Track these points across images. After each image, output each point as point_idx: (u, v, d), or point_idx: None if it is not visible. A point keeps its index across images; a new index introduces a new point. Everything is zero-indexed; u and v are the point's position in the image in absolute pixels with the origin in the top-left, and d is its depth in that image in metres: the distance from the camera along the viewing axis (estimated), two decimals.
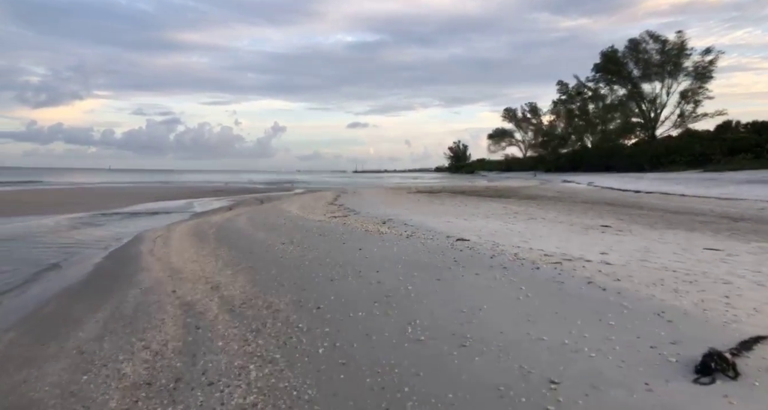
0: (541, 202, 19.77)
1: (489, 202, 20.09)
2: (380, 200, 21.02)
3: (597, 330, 3.72)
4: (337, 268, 6.82)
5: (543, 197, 24.23)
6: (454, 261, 6.66)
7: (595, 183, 40.45)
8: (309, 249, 8.65)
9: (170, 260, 8.45)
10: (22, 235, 12.36)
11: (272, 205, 21.12)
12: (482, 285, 5.31)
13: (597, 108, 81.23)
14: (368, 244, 8.62)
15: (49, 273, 8.18)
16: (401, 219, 12.02)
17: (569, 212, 14.87)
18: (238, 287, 6.18)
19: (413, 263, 6.74)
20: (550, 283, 5.18)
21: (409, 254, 7.39)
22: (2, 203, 23.11)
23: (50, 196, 28.64)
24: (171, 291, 6.23)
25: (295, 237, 10.26)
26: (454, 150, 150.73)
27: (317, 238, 9.82)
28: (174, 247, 9.95)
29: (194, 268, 7.61)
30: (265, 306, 5.18)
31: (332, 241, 9.30)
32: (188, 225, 13.86)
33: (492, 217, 12.59)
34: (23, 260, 9.23)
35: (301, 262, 7.47)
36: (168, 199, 27.96)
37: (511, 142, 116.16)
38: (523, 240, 8.29)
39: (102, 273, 8.00)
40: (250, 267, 7.33)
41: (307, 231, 11.07)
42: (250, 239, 10.37)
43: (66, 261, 9.19)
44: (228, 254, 8.69)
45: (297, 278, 6.43)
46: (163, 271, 7.55)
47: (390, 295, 5.20)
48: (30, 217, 16.64)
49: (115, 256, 9.55)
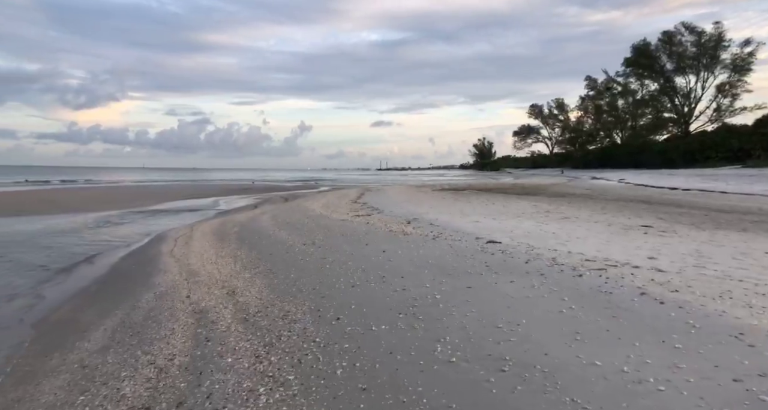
0: (572, 200, 18.95)
1: (517, 200, 19.37)
2: (404, 198, 20.55)
3: (661, 354, 3.18)
4: (359, 273, 6.41)
5: (573, 195, 23.32)
6: (485, 266, 6.16)
7: (627, 180, 38.97)
8: (330, 250, 8.27)
9: (189, 261, 8.20)
10: (48, 233, 12.40)
11: (296, 203, 20.91)
12: (519, 294, 4.80)
13: (627, 103, 78.67)
14: (392, 246, 8.18)
15: (68, 273, 8.03)
16: (426, 219, 11.53)
17: (604, 210, 14.09)
18: (254, 292, 5.83)
19: (441, 268, 6.27)
20: (596, 294, 4.63)
21: (436, 258, 6.92)
22: (39, 202, 23.62)
23: (85, 195, 29.23)
24: (185, 296, 5.94)
25: (316, 237, 9.91)
26: (478, 147, 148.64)
27: (339, 239, 9.44)
28: (194, 247, 9.73)
29: (212, 270, 7.32)
30: (281, 316, 4.80)
31: (354, 242, 8.90)
32: (211, 224, 13.70)
33: (522, 217, 11.96)
34: (46, 259, 9.16)
35: (321, 265, 7.09)
36: (196, 197, 28.19)
37: (538, 139, 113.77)
38: (559, 242, 7.70)
39: (119, 274, 7.81)
40: (269, 270, 6.99)
41: (329, 230, 10.71)
42: (272, 239, 10.08)
43: (87, 261, 9.07)
44: (247, 255, 8.39)
45: (316, 283, 6.05)
46: (180, 274, 7.29)
47: (416, 305, 4.75)
48: (62, 216, 16.83)
49: (135, 256, 9.38)
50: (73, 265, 8.59)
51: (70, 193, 30.51)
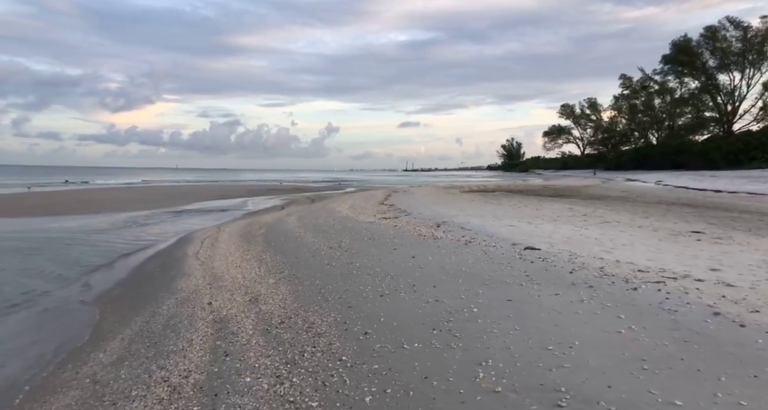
0: (610, 203, 18.07)
1: (550, 202, 18.62)
2: (432, 200, 20.06)
3: (757, 393, 2.67)
4: (387, 280, 6.02)
5: (609, 197, 22.34)
6: (525, 275, 5.67)
7: (665, 181, 37.35)
8: (357, 255, 7.92)
9: (213, 264, 7.99)
10: (79, 233, 12.51)
11: (323, 204, 20.71)
12: (567, 310, 4.31)
13: (664, 102, 75.73)
14: (422, 251, 7.76)
15: (93, 276, 7.94)
16: (457, 222, 11.05)
17: (646, 214, 13.28)
18: (278, 300, 5.52)
19: (476, 277, 5.82)
20: (658, 312, 4.10)
21: (470, 265, 6.46)
22: (76, 201, 24.21)
23: (119, 195, 29.87)
24: (207, 303, 5.67)
25: (343, 240, 9.59)
26: (507, 148, 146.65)
27: (366, 242, 9.08)
28: (220, 249, 9.55)
29: (236, 275, 7.07)
30: (306, 328, 4.46)
31: (382, 246, 8.52)
32: (238, 225, 13.58)
33: (559, 221, 11.34)
34: (74, 261, 9.13)
35: (348, 271, 6.74)
36: (225, 197, 28.42)
37: (569, 140, 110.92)
38: (604, 249, 7.11)
39: (143, 277, 7.65)
40: (294, 276, 6.68)
41: (356, 233, 10.37)
42: (298, 242, 9.81)
43: (114, 262, 9.00)
44: (273, 259, 8.13)
45: (343, 291, 5.69)
46: (203, 278, 7.07)
47: (451, 320, 4.33)
48: (94, 216, 17.09)
49: (160, 258, 9.26)
50: (99, 267, 8.51)
51: (106, 193, 31.25)
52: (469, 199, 20.78)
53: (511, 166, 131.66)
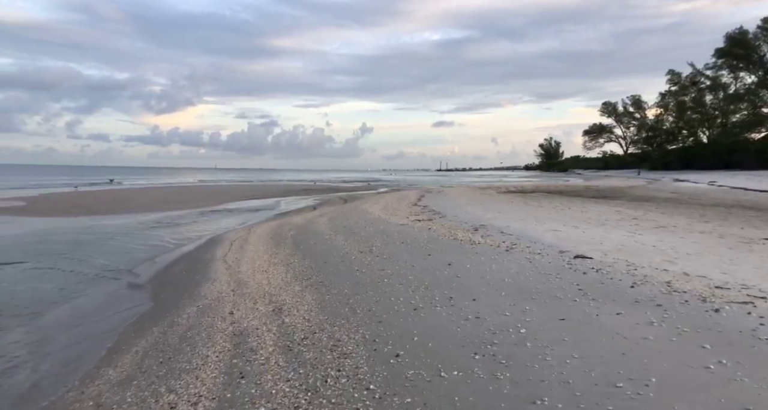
0: (660, 205, 16.85)
1: (595, 204, 17.56)
2: (467, 201, 19.34)
3: None
4: (421, 291, 5.50)
5: (658, 199, 20.96)
6: (578, 289, 5.02)
7: (719, 182, 35.04)
8: (389, 260, 7.43)
9: (239, 268, 7.68)
10: (114, 234, 12.59)
11: (355, 205, 20.36)
12: (634, 334, 3.67)
13: (716, 98, 71.58)
14: (459, 258, 7.19)
15: (119, 281, 7.79)
16: (496, 226, 10.38)
17: (704, 218, 12.18)
18: (303, 311, 5.09)
19: (521, 289, 5.21)
20: (753, 342, 3.40)
21: (514, 275, 5.85)
22: (116, 201, 24.85)
23: (158, 194, 30.58)
24: (228, 312, 5.32)
25: (374, 244, 9.13)
26: (545, 147, 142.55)
27: (399, 247, 8.58)
28: (248, 252, 9.28)
29: (261, 281, 6.72)
30: (331, 346, 4.00)
31: (416, 251, 8.00)
32: (269, 226, 13.37)
33: (608, 225, 10.48)
34: (105, 262, 9.06)
35: (379, 279, 6.26)
36: (260, 197, 28.60)
37: (610, 138, 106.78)
38: (666, 259, 6.33)
39: (168, 282, 7.42)
40: (321, 283, 6.26)
41: (387, 236, 9.89)
42: (328, 245, 9.42)
43: (141, 265, 8.86)
44: (301, 263, 7.75)
45: (373, 302, 5.21)
46: (228, 283, 6.75)
47: (496, 342, 3.77)
48: (131, 215, 17.36)
49: (188, 260, 9.06)
50: (127, 271, 8.36)
51: (145, 193, 32.06)
52: (507, 200, 19.93)
53: (549, 166, 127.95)
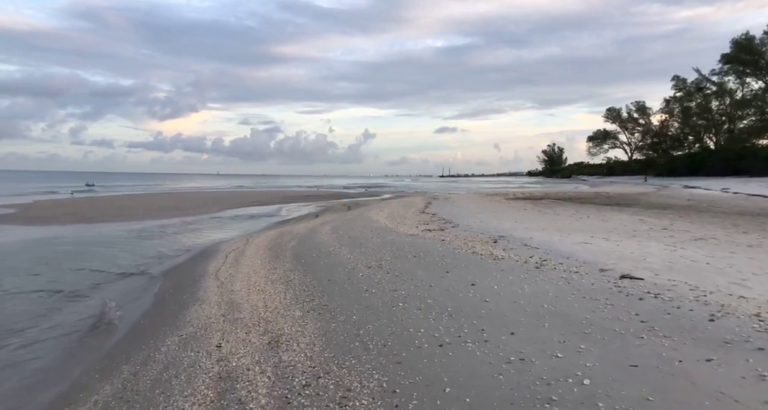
0: (683, 213, 15.94)
1: (613, 212, 16.67)
2: (478, 208, 18.47)
3: None
4: (445, 319, 4.63)
5: (676, 206, 20.05)
6: (639, 320, 4.14)
7: (733, 189, 34.07)
8: (402, 278, 6.57)
9: (233, 287, 6.82)
10: (100, 245, 11.76)
11: (359, 212, 19.52)
12: (742, 394, 2.79)
13: (723, 104, 70.77)
14: (482, 276, 6.32)
15: (90, 302, 6.93)
16: (517, 238, 9.51)
17: (739, 229, 11.27)
18: (304, 345, 4.24)
19: (567, 319, 4.34)
20: None
21: (553, 300, 4.98)
22: (112, 208, 24.06)
23: (156, 201, 29.80)
24: (216, 345, 4.46)
25: (383, 257, 8.27)
26: (548, 153, 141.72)
27: (412, 262, 7.72)
28: (243, 266, 8.44)
29: (256, 303, 5.86)
30: (338, 398, 3.15)
31: (432, 268, 7.13)
32: (268, 236, 12.52)
33: (640, 236, 9.59)
34: (88, 278, 8.22)
35: (392, 302, 5.40)
36: (261, 203, 27.77)
37: (615, 144, 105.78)
38: (733, 281, 5.42)
39: (152, 305, 6.55)
40: (325, 307, 5.40)
41: (398, 249, 9.03)
42: (332, 258, 8.57)
43: (122, 282, 8.01)
44: (302, 281, 6.90)
45: (388, 334, 4.35)
46: (218, 305, 5.90)
47: (554, 399, 2.90)
48: (124, 223, 16.55)
49: (177, 276, 8.20)
50: (105, 286, 7.51)
51: (143, 199, 31.29)
52: (519, 207, 19.04)
53: (552, 172, 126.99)
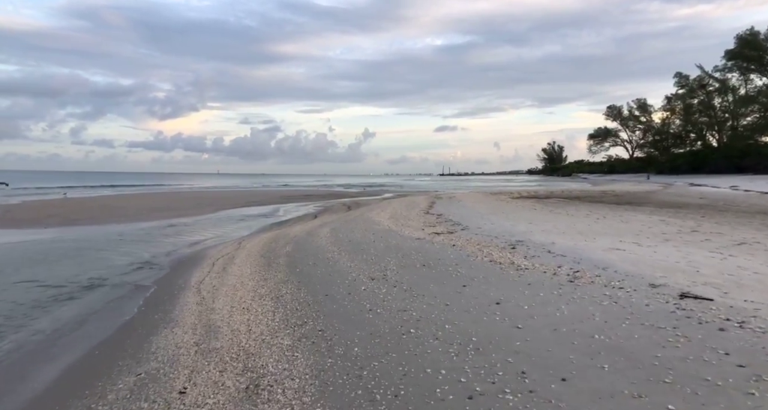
0: (706, 213, 14.94)
1: (627, 211, 15.68)
2: (486, 209, 17.47)
3: None
4: (471, 356, 3.65)
5: (691, 205, 19.09)
6: (733, 363, 3.15)
7: (742, 187, 33.15)
8: (411, 293, 5.60)
9: (214, 305, 5.84)
10: (77, 248, 10.75)
11: (360, 212, 18.54)
12: None
13: (725, 101, 69.86)
14: (507, 292, 5.35)
15: (44, 323, 5.93)
16: (537, 243, 8.53)
17: None
18: (291, 393, 3.27)
19: (632, 358, 3.36)
20: None
21: (602, 327, 4.00)
22: (99, 208, 23.06)
23: (148, 201, 28.80)
24: (179, 390, 3.49)
25: (388, 266, 7.30)
26: (548, 151, 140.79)
27: (421, 272, 6.75)
28: (231, 276, 7.46)
29: (239, 326, 4.89)
30: None
31: (445, 280, 6.16)
32: (262, 240, 11.54)
33: (674, 240, 8.60)
34: (34, 294, 7.21)
35: (402, 327, 4.43)
36: (258, 203, 26.75)
37: (616, 142, 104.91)
38: None
39: (116, 329, 5.53)
40: (321, 334, 4.42)
41: (404, 256, 8.06)
42: (330, 267, 7.60)
43: (89, 296, 7.00)
44: (295, 296, 5.93)
45: (399, 376, 3.39)
46: (194, 330, 4.92)
47: None
48: (107, 225, 15.56)
49: (153, 290, 7.17)
50: (68, 303, 6.50)
51: (136, 200, 30.28)
52: (528, 207, 18.06)
53: (552, 170, 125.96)
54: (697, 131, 77.16)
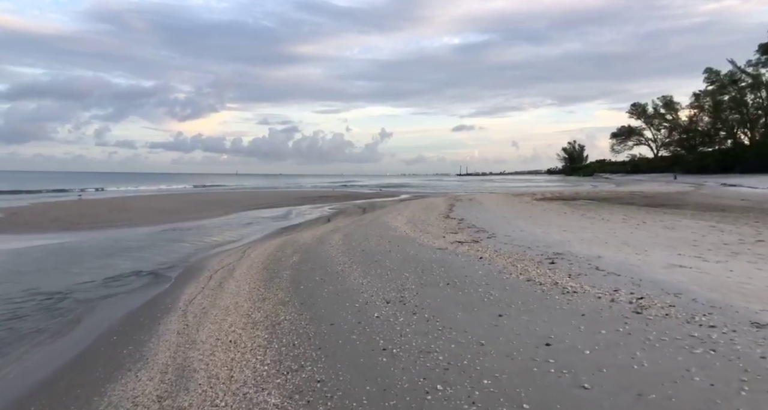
0: (759, 218, 13.48)
1: (667, 215, 14.29)
2: (511, 212, 16.24)
3: None
4: None
5: (735, 208, 17.54)
6: None
7: None
8: (435, 326, 4.52)
9: (197, 335, 4.85)
10: (69, 255, 9.94)
11: (375, 216, 17.49)
12: None
13: (759, 97, 66.91)
14: (557, 328, 4.23)
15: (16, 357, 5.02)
16: (579, 256, 7.35)
17: None
18: None
19: None
20: None
21: (710, 395, 2.87)
22: (110, 211, 22.51)
23: (158, 203, 28.27)
24: None
25: (406, 284, 6.24)
26: (568, 151, 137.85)
27: (445, 293, 5.66)
28: (226, 294, 6.50)
29: (219, 370, 3.88)
30: None
31: (475, 306, 5.06)
32: (268, 248, 10.58)
33: (744, 253, 7.30)
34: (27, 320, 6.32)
35: (426, 379, 3.37)
36: (271, 206, 25.93)
37: (640, 141, 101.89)
38: None
39: (69, 369, 4.60)
40: (319, 388, 3.38)
41: (424, 271, 6.98)
42: (339, 283, 6.57)
43: (63, 318, 6.09)
44: (294, 324, 4.91)
45: None
46: (162, 376, 3.93)
47: None
48: (108, 230, 14.83)
49: (132, 311, 6.24)
50: (33, 332, 5.57)
51: (146, 201, 29.78)
52: (556, 210, 16.76)
53: (573, 170, 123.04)
54: (728, 129, 74.21)
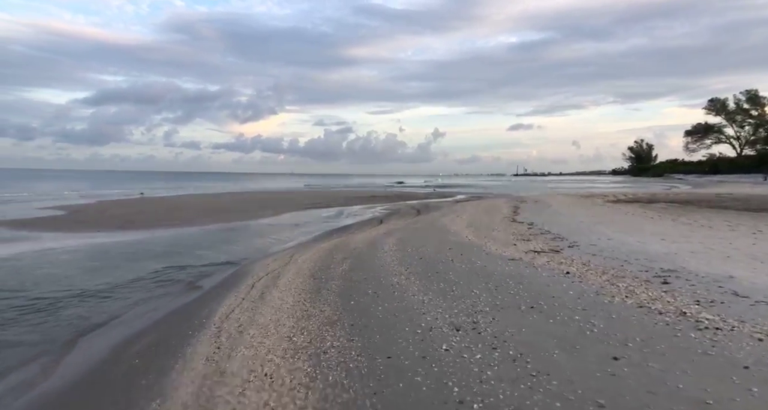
0: None
1: None
2: (586, 216, 14.54)
3: None
4: None
5: None
6: None
7: None
8: (526, 371, 3.38)
9: (227, 365, 3.99)
10: (108, 258, 9.60)
11: (431, 218, 16.36)
12: None
13: None
14: (709, 383, 2.97)
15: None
16: (699, 274, 5.88)
17: None
18: None
19: None
20: None
21: None
22: (165, 210, 22.87)
23: (212, 202, 28.61)
24: None
25: (478, 304, 5.11)
26: (635, 150, 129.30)
27: (531, 322, 4.47)
28: (267, 309, 5.66)
29: None
30: None
31: (577, 342, 3.86)
32: (317, 253, 9.75)
33: None
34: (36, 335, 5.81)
35: None
36: (322, 206, 25.48)
37: (719, 139, 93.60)
38: None
39: (87, 391, 3.87)
40: None
41: (498, 288, 5.80)
42: (395, 299, 5.54)
43: (84, 338, 5.48)
44: (341, 355, 3.94)
45: None
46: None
47: None
48: (163, 229, 14.69)
49: (162, 326, 5.54)
50: (43, 355, 4.97)
51: (202, 200, 30.25)
52: (638, 214, 14.85)
53: (640, 170, 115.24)
54: None
